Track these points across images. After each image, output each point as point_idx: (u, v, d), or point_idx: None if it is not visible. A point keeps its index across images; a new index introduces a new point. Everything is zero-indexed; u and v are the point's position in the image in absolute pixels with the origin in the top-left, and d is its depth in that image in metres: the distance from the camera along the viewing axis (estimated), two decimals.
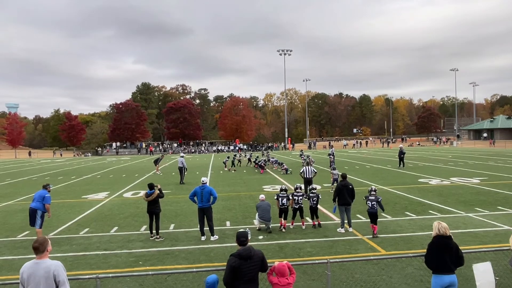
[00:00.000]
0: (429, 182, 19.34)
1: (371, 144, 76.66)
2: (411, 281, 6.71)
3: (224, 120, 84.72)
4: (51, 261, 4.27)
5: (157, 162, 28.06)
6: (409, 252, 7.96)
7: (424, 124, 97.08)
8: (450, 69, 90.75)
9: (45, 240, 4.34)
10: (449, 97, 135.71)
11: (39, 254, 4.24)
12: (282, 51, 68.91)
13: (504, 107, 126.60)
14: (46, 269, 4.14)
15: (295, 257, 8.15)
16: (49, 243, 4.38)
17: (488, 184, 17.85)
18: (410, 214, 11.95)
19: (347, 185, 10.31)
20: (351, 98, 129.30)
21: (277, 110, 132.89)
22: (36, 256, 4.27)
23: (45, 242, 4.30)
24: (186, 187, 19.70)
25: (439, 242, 5.04)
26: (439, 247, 5.01)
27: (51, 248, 4.42)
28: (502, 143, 62.79)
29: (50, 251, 4.37)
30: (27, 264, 4.28)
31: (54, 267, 4.17)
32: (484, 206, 12.86)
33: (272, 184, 19.89)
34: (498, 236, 9.33)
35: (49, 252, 4.35)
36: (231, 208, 13.72)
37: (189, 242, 9.61)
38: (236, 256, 4.59)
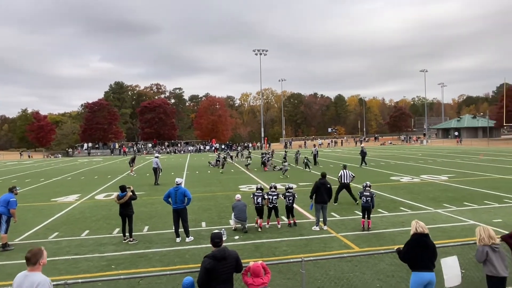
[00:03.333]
0: (400, 179, 19.93)
1: (346, 143, 78.15)
2: (383, 277, 6.88)
3: (200, 119, 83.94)
4: (40, 276, 3.93)
5: (132, 161, 27.51)
6: (381, 248, 8.17)
7: (396, 123, 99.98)
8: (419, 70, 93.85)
9: (39, 252, 4.01)
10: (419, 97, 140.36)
11: (30, 265, 3.93)
12: (258, 51, 69.02)
13: (470, 107, 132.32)
14: (31, 283, 3.85)
15: (270, 256, 8.18)
16: (44, 255, 4.05)
17: (455, 181, 18.59)
18: (383, 211, 12.26)
19: (325, 183, 10.48)
20: (326, 98, 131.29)
21: (253, 109, 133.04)
22: (27, 267, 3.96)
23: (38, 254, 3.97)
24: (161, 188, 19.36)
25: (418, 239, 5.12)
26: (418, 244, 5.10)
27: (45, 261, 4.08)
28: (468, 142, 65.64)
29: (44, 264, 4.04)
30: (19, 275, 4.00)
31: (38, 283, 3.85)
32: (452, 202, 13.38)
33: (248, 184, 19.89)
34: (464, 231, 9.73)
35: (43, 265, 4.02)
36: (207, 209, 13.61)
37: (163, 244, 9.45)
38: (210, 258, 4.55)
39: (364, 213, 10.12)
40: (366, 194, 10.08)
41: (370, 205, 10.01)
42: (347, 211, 12.46)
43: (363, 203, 10.12)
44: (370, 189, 10.26)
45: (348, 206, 13.13)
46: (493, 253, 5.20)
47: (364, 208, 10.10)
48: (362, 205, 10.15)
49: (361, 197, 10.22)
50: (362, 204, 10.15)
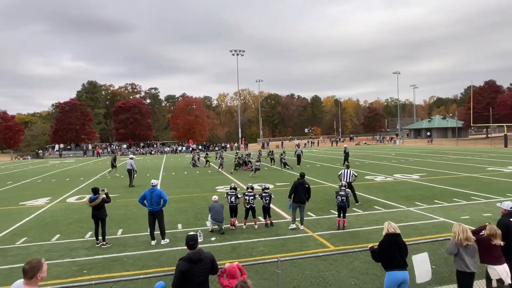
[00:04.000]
0: (374, 179, 20.40)
1: (322, 143, 79.26)
2: (357, 274, 7.01)
3: (177, 120, 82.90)
4: None
5: (115, 161, 27.01)
6: (356, 246, 8.32)
7: (370, 124, 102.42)
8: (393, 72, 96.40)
9: (37, 265, 3.65)
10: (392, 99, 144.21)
11: (26, 279, 3.60)
12: (234, 51, 68.85)
13: (440, 108, 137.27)
14: None
15: (247, 257, 8.17)
16: (43, 268, 3.68)
17: (426, 180, 19.21)
18: (357, 210, 12.50)
19: (303, 183, 10.60)
20: (303, 99, 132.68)
21: (230, 110, 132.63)
22: (23, 280, 3.63)
23: (36, 268, 3.62)
24: (135, 190, 18.98)
25: (390, 239, 5.23)
26: (391, 244, 5.21)
27: (45, 274, 3.71)
28: (439, 141, 68.06)
29: (42, 278, 3.67)
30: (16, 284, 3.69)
31: None
32: (423, 200, 13.82)
33: (225, 185, 19.78)
34: (435, 228, 10.06)
35: (42, 279, 3.66)
36: (183, 210, 13.44)
37: (138, 247, 9.26)
38: (185, 260, 4.48)
39: (339, 212, 10.30)
40: (342, 193, 10.26)
41: (345, 204, 10.20)
42: (323, 210, 12.62)
43: (338, 202, 10.29)
44: (346, 189, 10.45)
45: (325, 206, 13.31)
46: (465, 249, 5.39)
47: (339, 207, 10.28)
48: (338, 204, 10.33)
49: (337, 196, 10.39)
50: (338, 203, 10.32)
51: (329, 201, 13.72)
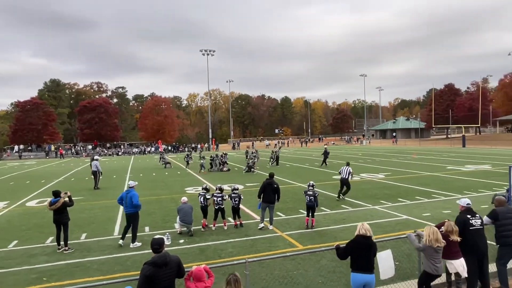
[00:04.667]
0: None
1: (292, 144, 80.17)
2: (324, 273, 7.13)
3: (145, 120, 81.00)
4: None
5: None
6: (323, 245, 8.46)
7: (338, 124, 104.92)
8: (359, 75, 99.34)
9: None
10: (359, 100, 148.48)
11: None
12: (205, 51, 68.28)
13: (404, 110, 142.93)
14: None
15: (216, 259, 8.10)
16: None
17: (391, 179, 19.90)
18: (325, 209, 12.74)
19: (272, 183, 10.66)
20: (273, 100, 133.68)
21: (201, 110, 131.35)
22: None
23: None
24: (101, 193, 18.40)
25: (359, 241, 5.24)
26: (358, 246, 5.22)
27: None
28: (403, 142, 70.77)
29: None
30: None
31: None
32: (388, 198, 14.30)
33: (195, 186, 19.57)
34: (398, 225, 10.43)
35: None
36: (151, 213, 13.14)
37: (102, 252, 8.95)
38: (150, 264, 4.38)
39: (308, 211, 10.46)
40: (310, 193, 10.42)
41: (314, 204, 10.36)
42: (292, 210, 12.76)
43: (307, 202, 10.46)
44: (314, 188, 10.61)
45: (294, 205, 13.46)
46: (435, 252, 5.56)
47: (308, 207, 10.45)
48: (306, 204, 10.49)
49: (305, 196, 10.55)
50: (306, 203, 10.49)
51: (298, 201, 13.89)
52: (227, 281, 4.28)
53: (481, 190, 15.50)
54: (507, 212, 6.48)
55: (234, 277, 4.29)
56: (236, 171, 26.38)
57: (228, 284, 4.27)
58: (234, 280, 4.26)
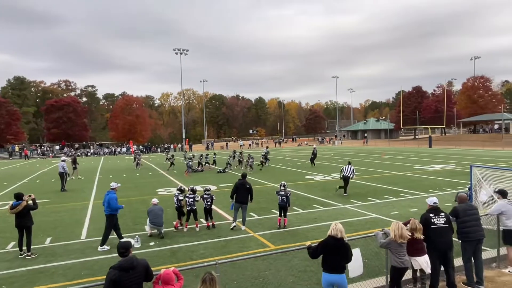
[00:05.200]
0: (314, 178, 21.19)
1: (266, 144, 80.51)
2: (295, 272, 7.20)
3: (116, 120, 78.93)
4: None
5: (74, 163, 25.37)
6: (295, 245, 8.55)
7: (311, 125, 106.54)
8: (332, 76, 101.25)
9: None
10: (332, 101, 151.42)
11: None
12: (178, 50, 67.39)
13: (374, 111, 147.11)
14: None
15: (187, 260, 8.00)
16: None
17: (361, 178, 20.39)
18: (297, 208, 12.88)
19: (244, 183, 10.67)
20: (247, 100, 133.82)
21: (174, 110, 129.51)
22: None
23: None
24: (68, 195, 17.76)
25: (329, 242, 5.29)
26: (329, 246, 5.27)
27: None
28: (373, 142, 72.76)
29: None
30: None
31: None
32: (358, 197, 14.64)
33: (167, 187, 19.27)
34: (368, 224, 10.70)
35: None
36: (121, 215, 12.66)
37: (68, 256, 8.63)
38: (116, 268, 4.26)
39: (280, 211, 10.54)
40: (282, 193, 10.51)
41: (286, 204, 10.45)
42: (265, 210, 12.81)
43: (279, 202, 10.54)
44: (286, 189, 10.70)
45: (267, 206, 13.52)
46: (399, 247, 5.75)
47: (280, 207, 10.53)
48: (279, 204, 10.57)
49: (278, 196, 10.63)
50: (279, 203, 10.56)
51: (271, 201, 13.96)
52: (203, 280, 4.26)
53: (445, 189, 16.17)
54: (467, 209, 6.79)
55: (209, 276, 4.27)
56: (210, 172, 26.19)
57: (203, 283, 4.24)
58: (210, 279, 4.24)
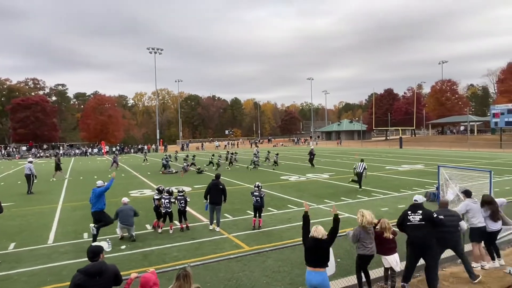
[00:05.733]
0: (289, 179, 21.36)
1: (242, 145, 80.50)
2: (269, 273, 7.21)
3: (87, 120, 76.59)
4: None
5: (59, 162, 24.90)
6: (269, 245, 8.58)
7: (287, 126, 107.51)
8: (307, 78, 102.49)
9: None
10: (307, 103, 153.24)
11: None
12: (152, 49, 66.22)
13: (348, 113, 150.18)
14: None
15: (160, 264, 7.86)
16: None
17: (335, 179, 20.75)
18: (272, 209, 12.93)
19: (218, 184, 10.62)
20: (223, 101, 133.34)
21: (148, 110, 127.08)
22: None
23: None
24: (34, 198, 17.06)
25: (311, 242, 5.50)
26: (312, 247, 5.46)
27: None
28: (347, 143, 74.27)
29: None
30: None
31: None
32: (331, 197, 14.88)
33: (140, 189, 18.88)
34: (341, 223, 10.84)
35: None
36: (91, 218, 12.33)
37: (34, 262, 8.27)
38: (82, 273, 4.11)
39: (255, 212, 10.55)
40: (256, 194, 10.53)
41: (260, 204, 10.48)
42: (240, 211, 12.78)
43: (254, 203, 10.55)
44: (260, 189, 10.72)
45: (241, 206, 13.49)
46: (366, 234, 5.92)
47: (255, 208, 10.54)
48: (253, 205, 10.58)
49: (252, 197, 10.64)
50: (253, 204, 10.58)
51: (246, 202, 13.94)
52: (177, 276, 4.18)
53: (415, 188, 16.69)
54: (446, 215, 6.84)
55: (183, 272, 4.16)
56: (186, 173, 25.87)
57: (177, 279, 4.15)
58: (184, 275, 4.13)
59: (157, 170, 27.88)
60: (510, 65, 63.48)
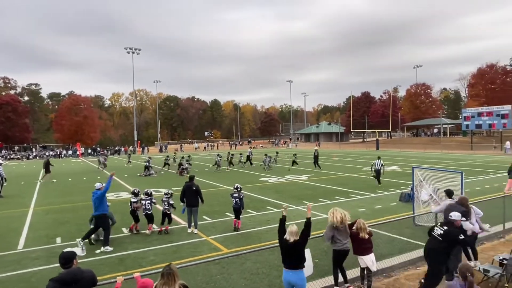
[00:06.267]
0: (268, 180, 21.41)
1: (221, 147, 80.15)
2: (248, 275, 7.19)
3: (61, 121, 74.25)
4: None
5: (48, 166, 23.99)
6: (248, 247, 8.55)
7: (266, 128, 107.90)
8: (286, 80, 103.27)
9: None
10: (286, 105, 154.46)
11: None
12: (130, 49, 65.00)
13: (326, 115, 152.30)
14: None
15: (136, 268, 7.67)
16: None
17: (313, 180, 20.95)
18: (251, 211, 12.91)
19: (191, 186, 10.57)
20: (203, 102, 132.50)
21: (125, 111, 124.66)
22: None
23: None
24: (4, 202, 16.40)
25: (286, 245, 5.56)
26: (287, 249, 5.54)
27: None
28: (325, 145, 75.22)
29: None
30: None
31: None
32: (309, 199, 15.00)
33: (116, 191, 18.44)
34: (318, 224, 10.95)
35: None
36: (64, 222, 12.05)
37: (4, 269, 7.93)
38: (56, 281, 3.92)
39: (235, 214, 10.55)
40: (235, 196, 10.52)
41: (239, 206, 10.47)
42: (218, 213, 12.71)
43: (233, 205, 10.54)
44: (240, 191, 10.71)
45: (220, 209, 13.41)
46: (338, 231, 6.00)
47: (234, 209, 10.53)
48: (233, 207, 10.56)
49: (232, 198, 10.63)
50: (233, 206, 10.56)
51: (225, 204, 13.88)
52: (161, 274, 4.14)
53: (391, 189, 17.08)
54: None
55: (168, 270, 4.11)
56: (162, 175, 25.50)
57: (161, 277, 4.11)
58: (167, 273, 4.09)
59: (136, 172, 27.37)
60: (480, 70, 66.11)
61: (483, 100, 62.06)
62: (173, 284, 4.01)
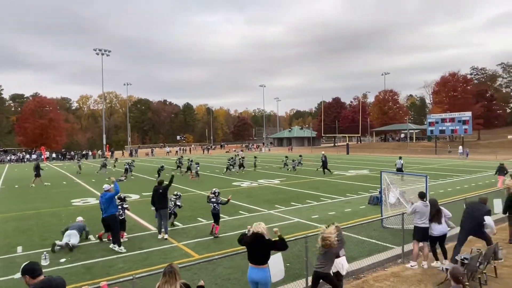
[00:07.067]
0: (241, 185, 21.38)
1: (194, 151, 79.30)
2: (220, 281, 7.14)
3: (24, 123, 70.80)
4: None
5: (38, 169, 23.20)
6: (220, 253, 8.50)
7: (239, 132, 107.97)
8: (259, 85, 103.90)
9: None
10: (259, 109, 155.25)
11: None
12: (99, 51, 63.19)
13: (299, 120, 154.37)
14: None
15: (104, 276, 7.42)
16: None
17: (285, 184, 21.13)
18: (223, 216, 12.77)
19: (158, 189, 10.50)
20: (175, 106, 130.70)
21: (94, 114, 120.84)
22: None
23: None
24: None
25: (252, 238, 5.63)
26: (252, 243, 5.58)
27: None
28: (297, 149, 76.12)
29: None
30: None
31: None
32: (282, 203, 15.12)
33: (83, 197, 17.80)
34: (290, 228, 11.07)
35: None
36: (26, 229, 11.47)
37: None
38: None
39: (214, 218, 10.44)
40: (213, 200, 10.39)
41: (217, 211, 10.35)
42: (190, 219, 12.54)
43: (211, 210, 10.42)
44: (218, 196, 10.57)
45: (192, 214, 13.25)
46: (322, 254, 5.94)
47: (213, 214, 10.41)
48: (211, 212, 10.45)
49: (209, 203, 10.54)
50: (211, 211, 10.44)
51: (196, 209, 13.75)
52: (163, 273, 4.22)
53: (360, 193, 17.51)
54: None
55: (169, 268, 4.21)
56: (133, 180, 24.89)
57: (163, 276, 4.19)
58: (169, 272, 4.17)
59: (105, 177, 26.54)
60: (443, 79, 69.26)
61: (446, 107, 64.99)
62: (175, 282, 4.11)
